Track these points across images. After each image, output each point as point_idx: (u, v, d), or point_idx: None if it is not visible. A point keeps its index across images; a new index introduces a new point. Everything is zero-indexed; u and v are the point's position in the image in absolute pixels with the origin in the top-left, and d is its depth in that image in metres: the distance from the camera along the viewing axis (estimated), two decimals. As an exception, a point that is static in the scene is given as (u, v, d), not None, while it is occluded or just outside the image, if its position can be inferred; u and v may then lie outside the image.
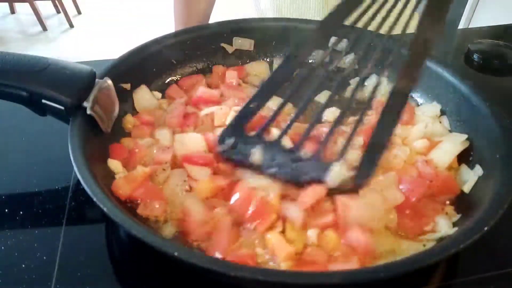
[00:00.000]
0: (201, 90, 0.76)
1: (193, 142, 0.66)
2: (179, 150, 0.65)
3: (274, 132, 0.63)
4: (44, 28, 3.84)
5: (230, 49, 0.86)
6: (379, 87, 0.60)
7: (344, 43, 0.65)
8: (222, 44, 0.85)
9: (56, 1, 3.87)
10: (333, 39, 0.64)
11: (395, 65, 0.60)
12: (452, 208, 0.59)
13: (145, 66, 0.76)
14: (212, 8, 1.12)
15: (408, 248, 0.53)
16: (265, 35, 0.86)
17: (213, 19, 1.11)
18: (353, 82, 0.69)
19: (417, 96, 0.78)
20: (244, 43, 0.87)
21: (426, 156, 0.65)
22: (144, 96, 0.75)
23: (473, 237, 0.45)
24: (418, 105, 0.77)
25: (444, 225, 0.55)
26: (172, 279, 0.52)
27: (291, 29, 0.86)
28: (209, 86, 0.81)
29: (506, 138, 0.58)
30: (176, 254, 0.42)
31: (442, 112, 0.73)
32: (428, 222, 0.56)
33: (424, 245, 0.53)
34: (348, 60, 0.72)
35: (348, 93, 0.63)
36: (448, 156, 0.64)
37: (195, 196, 0.58)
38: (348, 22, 0.62)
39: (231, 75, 0.82)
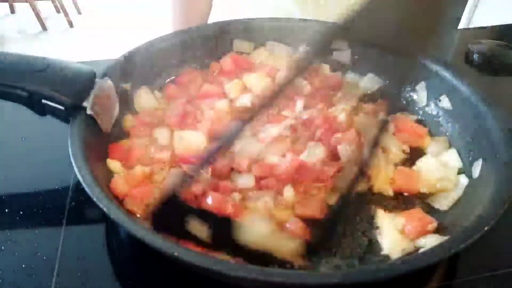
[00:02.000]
0: (205, 87, 0.77)
1: (193, 139, 0.67)
2: (178, 148, 0.65)
3: None
4: (44, 28, 3.84)
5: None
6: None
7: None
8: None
9: (56, 1, 3.87)
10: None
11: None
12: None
13: (145, 66, 0.76)
14: (210, 10, 1.11)
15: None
16: (266, 36, 0.86)
17: (214, 19, 1.12)
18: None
19: (416, 96, 0.78)
20: (243, 46, 0.87)
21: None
22: (144, 97, 0.75)
23: (473, 237, 0.45)
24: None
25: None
26: (172, 279, 0.52)
27: (290, 29, 0.86)
28: (204, 82, 0.81)
29: (506, 138, 0.58)
30: (176, 254, 0.42)
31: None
32: (431, 221, 0.56)
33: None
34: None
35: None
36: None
37: None
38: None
39: (226, 63, 0.82)
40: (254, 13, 0.92)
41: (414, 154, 0.68)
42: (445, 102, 0.73)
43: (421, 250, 0.52)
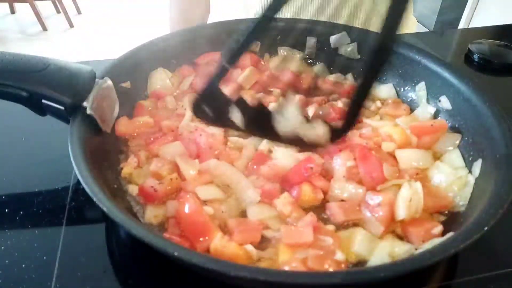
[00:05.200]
0: None
1: None
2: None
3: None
4: (44, 28, 3.84)
5: None
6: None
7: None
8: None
9: (56, 1, 3.87)
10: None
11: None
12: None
13: (145, 66, 0.76)
14: (209, 11, 1.11)
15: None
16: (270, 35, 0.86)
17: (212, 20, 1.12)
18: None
19: (415, 96, 0.78)
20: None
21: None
22: (158, 76, 0.78)
23: (473, 237, 0.45)
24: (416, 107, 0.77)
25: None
26: (172, 279, 0.52)
27: (295, 29, 0.86)
28: None
29: (506, 138, 0.58)
30: (176, 254, 0.42)
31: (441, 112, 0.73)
32: (436, 225, 0.55)
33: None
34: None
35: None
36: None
37: None
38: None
39: (245, 60, 0.83)
40: (249, 14, 0.93)
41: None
42: (445, 102, 0.73)
43: (421, 250, 0.52)
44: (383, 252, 0.52)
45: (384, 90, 0.81)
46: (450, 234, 0.51)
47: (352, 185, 0.60)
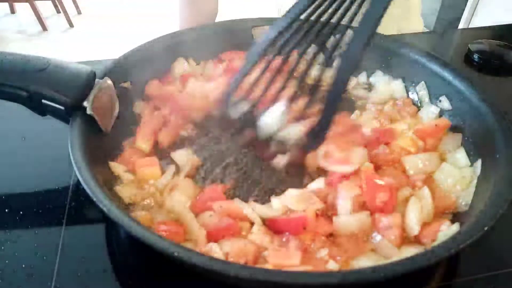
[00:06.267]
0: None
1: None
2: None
3: None
4: (44, 28, 3.84)
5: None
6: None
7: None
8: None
9: (56, 1, 3.87)
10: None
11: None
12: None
13: (146, 65, 0.76)
14: (217, 12, 1.11)
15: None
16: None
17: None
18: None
19: (417, 96, 0.78)
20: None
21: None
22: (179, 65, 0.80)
23: (473, 237, 0.45)
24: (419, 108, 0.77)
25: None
26: (172, 279, 0.52)
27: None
28: None
29: (506, 138, 0.58)
30: (176, 254, 0.42)
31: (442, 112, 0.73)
32: (443, 222, 0.55)
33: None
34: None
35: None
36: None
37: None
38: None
39: None
40: (258, 14, 0.92)
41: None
42: (444, 102, 0.73)
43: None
44: None
45: (394, 88, 0.80)
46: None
47: (358, 216, 0.55)
